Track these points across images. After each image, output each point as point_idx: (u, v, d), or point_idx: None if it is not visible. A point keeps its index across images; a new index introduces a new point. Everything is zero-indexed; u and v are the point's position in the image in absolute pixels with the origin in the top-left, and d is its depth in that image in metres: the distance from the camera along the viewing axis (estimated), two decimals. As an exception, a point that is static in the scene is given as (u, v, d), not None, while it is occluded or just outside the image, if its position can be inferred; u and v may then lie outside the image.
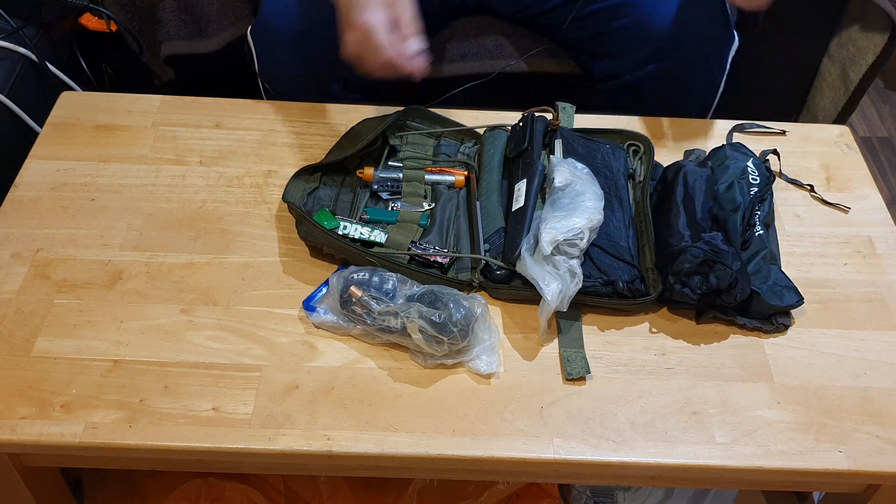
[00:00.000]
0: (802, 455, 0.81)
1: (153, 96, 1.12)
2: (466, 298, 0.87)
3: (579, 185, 0.92)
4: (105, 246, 0.94)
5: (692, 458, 0.80)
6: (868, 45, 1.35)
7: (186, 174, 1.03)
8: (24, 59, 1.21)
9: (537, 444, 0.80)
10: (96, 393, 0.81)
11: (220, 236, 0.96)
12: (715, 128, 1.14)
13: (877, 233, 1.02)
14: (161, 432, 0.79)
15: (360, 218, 0.98)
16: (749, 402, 0.84)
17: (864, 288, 0.96)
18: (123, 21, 1.33)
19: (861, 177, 1.09)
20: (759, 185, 0.99)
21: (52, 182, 1.00)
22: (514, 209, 0.95)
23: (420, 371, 0.85)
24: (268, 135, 1.08)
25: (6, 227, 0.95)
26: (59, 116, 1.08)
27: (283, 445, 0.78)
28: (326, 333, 0.88)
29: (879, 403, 0.85)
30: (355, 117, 1.08)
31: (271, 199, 1.01)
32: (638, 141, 1.06)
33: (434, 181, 1.02)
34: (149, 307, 0.89)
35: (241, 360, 0.85)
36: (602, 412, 0.83)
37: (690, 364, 0.88)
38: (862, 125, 1.99)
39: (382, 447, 0.79)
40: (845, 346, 0.90)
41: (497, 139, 1.06)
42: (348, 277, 0.87)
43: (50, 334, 0.85)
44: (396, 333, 0.84)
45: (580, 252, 0.87)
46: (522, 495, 1.08)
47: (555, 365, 0.87)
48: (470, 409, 0.82)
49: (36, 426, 0.78)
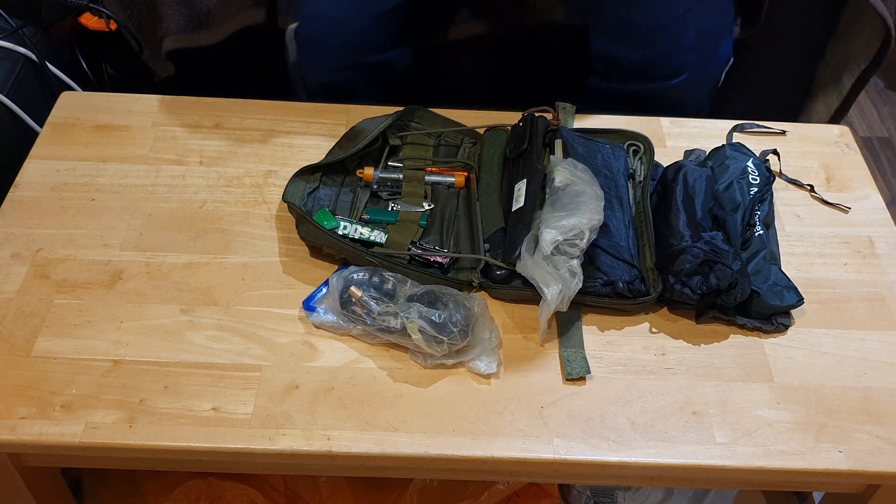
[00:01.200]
0: (802, 455, 0.81)
1: (153, 96, 1.12)
2: (466, 298, 0.87)
3: (579, 185, 0.92)
4: (105, 246, 0.94)
5: (692, 458, 0.80)
6: (862, 50, 1.35)
7: (186, 174, 1.03)
8: (24, 59, 1.21)
9: (537, 444, 0.80)
10: (96, 393, 0.81)
11: (220, 236, 0.96)
12: (715, 128, 1.14)
13: (877, 233, 1.02)
14: (161, 432, 0.79)
15: (360, 218, 0.98)
16: (749, 402, 0.84)
17: (864, 288, 0.96)
18: (123, 20, 1.33)
19: (861, 177, 1.09)
20: (759, 185, 0.99)
21: (52, 182, 1.00)
22: (514, 209, 0.95)
23: (420, 371, 0.85)
24: (268, 135, 1.08)
25: (6, 227, 0.95)
26: (59, 116, 1.08)
27: (283, 445, 0.78)
28: (326, 333, 0.88)
29: (879, 403, 0.85)
30: (355, 117, 1.08)
31: (271, 199, 1.01)
32: (638, 141, 1.06)
33: (434, 181, 1.02)
34: (149, 307, 0.89)
35: (241, 360, 0.85)
36: (602, 412, 0.83)
37: (690, 364, 0.88)
38: (862, 125, 1.99)
39: (382, 447, 0.79)
40: (845, 346, 0.90)
41: (497, 139, 1.06)
42: (348, 277, 0.87)
43: (50, 334, 0.85)
44: (396, 334, 0.84)
45: (580, 252, 0.87)
46: (522, 495, 1.08)
47: (555, 365, 0.87)
48: (470, 409, 0.82)
49: (36, 426, 0.78)
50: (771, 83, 1.54)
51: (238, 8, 1.32)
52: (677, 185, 0.97)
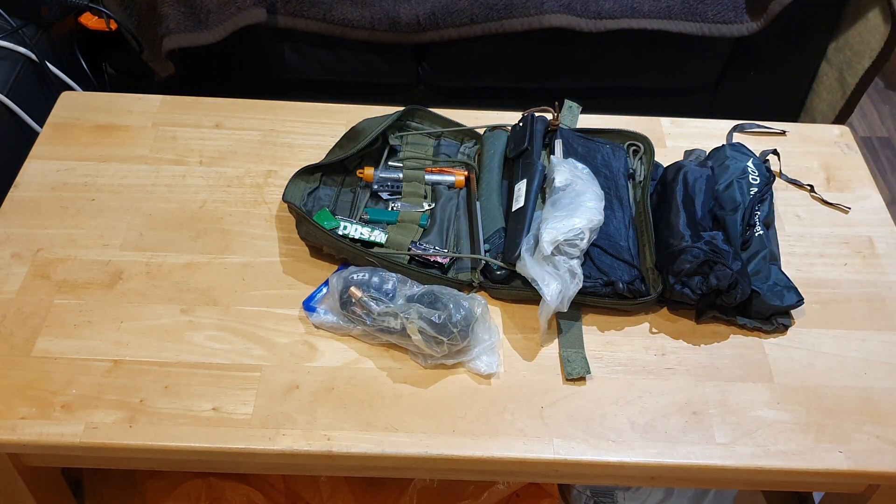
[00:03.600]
0: (802, 455, 0.81)
1: (153, 96, 1.12)
2: (466, 299, 0.87)
3: (579, 186, 0.92)
4: (105, 246, 0.94)
5: (692, 459, 0.80)
6: (865, 48, 1.35)
7: (186, 174, 1.03)
8: (24, 59, 1.21)
9: (537, 444, 0.80)
10: (96, 393, 0.81)
11: (220, 236, 0.96)
12: (715, 128, 1.14)
13: (877, 233, 1.02)
14: (161, 432, 0.79)
15: (361, 218, 0.98)
16: (749, 402, 0.84)
17: (864, 288, 0.96)
18: (123, 19, 1.33)
19: (861, 177, 1.09)
20: (759, 185, 0.99)
21: (52, 182, 1.00)
22: (514, 209, 0.95)
23: (420, 371, 0.85)
24: (268, 135, 1.08)
25: (6, 227, 0.95)
26: (59, 116, 1.08)
27: (283, 445, 0.78)
28: (326, 333, 0.88)
29: (879, 403, 0.85)
30: (355, 117, 1.08)
31: (271, 199, 1.01)
32: (638, 141, 1.06)
33: (434, 181, 1.02)
34: (149, 307, 0.89)
35: (241, 360, 0.85)
36: (602, 412, 0.83)
37: (690, 364, 0.88)
38: (862, 125, 1.99)
39: (382, 447, 0.79)
40: (845, 346, 0.90)
41: (497, 139, 1.06)
42: (348, 278, 0.87)
43: (50, 334, 0.85)
44: (396, 334, 0.84)
45: (580, 252, 0.87)
46: (522, 495, 1.08)
47: (555, 365, 0.87)
48: (470, 409, 0.82)
49: (36, 426, 0.78)
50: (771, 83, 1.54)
51: (238, 8, 1.32)
52: (677, 185, 0.97)
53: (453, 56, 1.43)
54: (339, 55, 1.43)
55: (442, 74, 1.47)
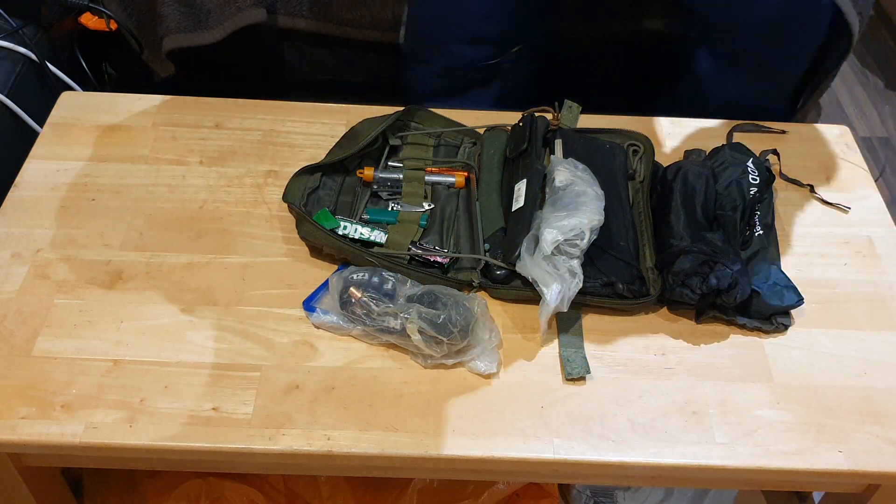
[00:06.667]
0: (802, 455, 0.81)
1: (153, 96, 1.12)
2: (466, 299, 0.87)
3: (579, 185, 0.92)
4: (105, 246, 0.94)
5: (692, 458, 0.80)
6: None
7: (186, 174, 1.03)
8: (24, 59, 1.21)
9: (537, 444, 0.80)
10: (96, 393, 0.81)
11: (220, 236, 0.96)
12: (715, 128, 1.14)
13: (877, 233, 1.02)
14: (161, 432, 0.79)
15: (360, 218, 0.98)
16: (749, 402, 0.84)
17: (863, 288, 0.96)
18: (123, 20, 1.33)
19: (861, 177, 1.09)
20: (758, 185, 0.99)
21: (52, 182, 1.00)
22: (514, 209, 0.95)
23: (420, 371, 0.85)
24: (268, 135, 1.08)
25: (6, 227, 0.95)
26: (59, 116, 1.08)
27: (283, 445, 0.79)
28: (326, 333, 0.88)
29: (879, 403, 0.85)
30: (355, 117, 1.08)
31: (271, 199, 1.01)
32: (638, 141, 1.06)
33: (434, 181, 1.02)
34: (149, 307, 0.89)
35: (241, 360, 0.85)
36: (602, 412, 0.83)
37: (690, 364, 0.88)
38: (862, 125, 1.99)
39: (382, 447, 0.79)
40: (845, 346, 0.90)
41: (497, 139, 1.06)
42: (348, 278, 0.87)
43: (50, 334, 0.86)
44: (396, 334, 0.84)
45: (580, 252, 0.87)
46: (522, 495, 1.08)
47: (555, 365, 0.87)
48: (470, 409, 0.82)
49: (36, 426, 0.78)
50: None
51: (238, 8, 1.32)
52: (677, 185, 0.97)
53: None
54: (339, 55, 1.42)
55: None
